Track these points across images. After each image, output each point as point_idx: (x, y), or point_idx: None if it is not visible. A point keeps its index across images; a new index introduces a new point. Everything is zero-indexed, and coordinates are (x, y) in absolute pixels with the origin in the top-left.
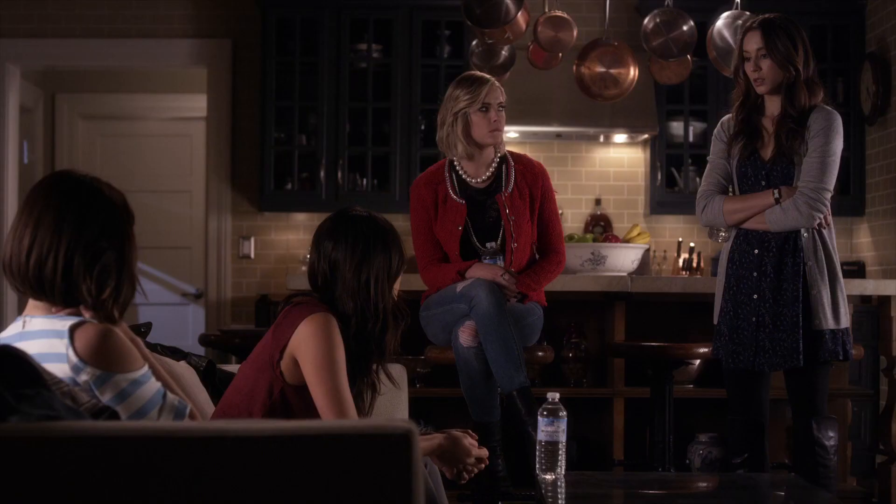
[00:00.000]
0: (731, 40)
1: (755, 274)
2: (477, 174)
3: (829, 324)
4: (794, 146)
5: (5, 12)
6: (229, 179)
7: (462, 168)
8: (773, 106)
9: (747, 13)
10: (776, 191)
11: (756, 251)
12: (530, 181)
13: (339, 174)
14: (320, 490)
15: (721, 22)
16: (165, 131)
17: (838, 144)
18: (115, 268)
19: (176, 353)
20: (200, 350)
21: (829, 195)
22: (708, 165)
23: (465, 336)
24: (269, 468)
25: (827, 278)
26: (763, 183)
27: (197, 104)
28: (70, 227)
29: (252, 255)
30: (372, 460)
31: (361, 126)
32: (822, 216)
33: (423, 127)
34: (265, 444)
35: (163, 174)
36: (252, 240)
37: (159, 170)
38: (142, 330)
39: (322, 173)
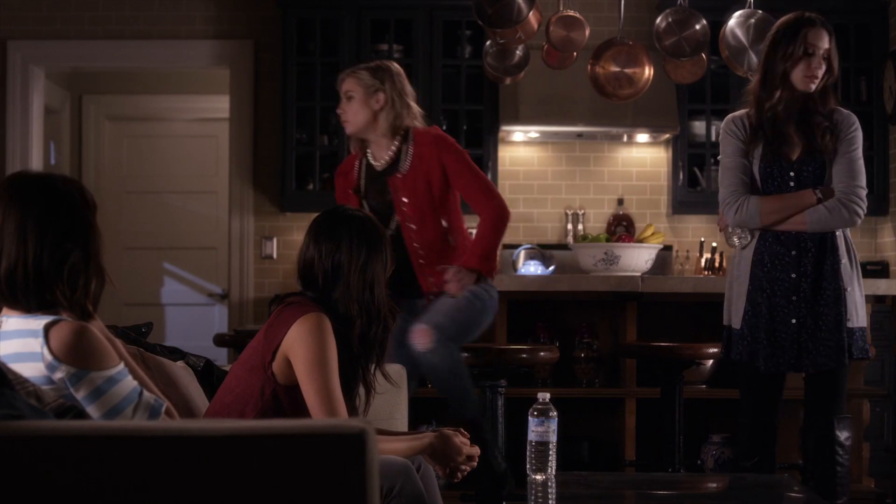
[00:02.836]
0: (743, 39)
1: (794, 275)
2: (379, 156)
3: (859, 321)
4: (830, 146)
5: (28, 14)
6: (251, 180)
7: (370, 151)
8: (796, 105)
9: (760, 12)
10: (817, 191)
11: (793, 252)
12: (427, 156)
13: None
14: (276, 489)
15: (734, 21)
16: (191, 132)
17: (861, 146)
18: (83, 265)
19: (174, 353)
20: (220, 351)
21: (865, 195)
22: (726, 164)
23: (416, 340)
24: (226, 467)
25: (854, 276)
26: (792, 184)
27: (222, 105)
28: (33, 234)
29: (274, 256)
30: (327, 460)
31: None
32: (861, 218)
33: (444, 127)
34: (221, 443)
35: (188, 175)
36: (274, 240)
37: (185, 171)
38: (143, 330)
39: None
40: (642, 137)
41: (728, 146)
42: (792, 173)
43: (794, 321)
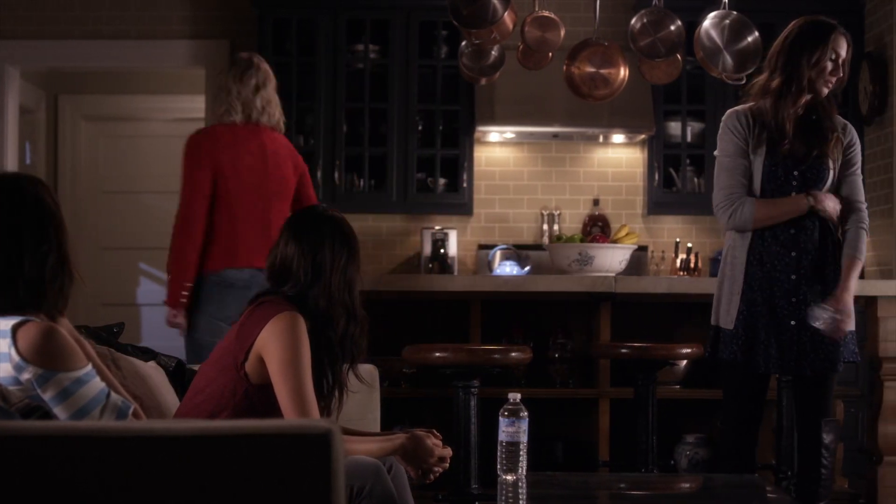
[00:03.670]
0: (718, 40)
1: (793, 277)
2: None
3: (850, 325)
4: (837, 152)
5: (5, 14)
6: None
7: None
8: (801, 107)
9: (734, 13)
10: (809, 196)
11: (793, 254)
12: None
13: (336, 175)
14: (241, 489)
15: (708, 22)
16: (168, 132)
17: None
18: (60, 266)
19: (146, 354)
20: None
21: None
22: (724, 164)
23: None
24: (191, 468)
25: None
26: (794, 184)
27: (198, 105)
28: (11, 238)
29: None
30: (292, 460)
31: (358, 127)
32: None
33: (420, 127)
34: (186, 443)
35: (165, 175)
36: None
37: (162, 171)
38: (115, 330)
39: (319, 174)
40: (618, 138)
41: (729, 144)
42: (796, 172)
43: (793, 323)
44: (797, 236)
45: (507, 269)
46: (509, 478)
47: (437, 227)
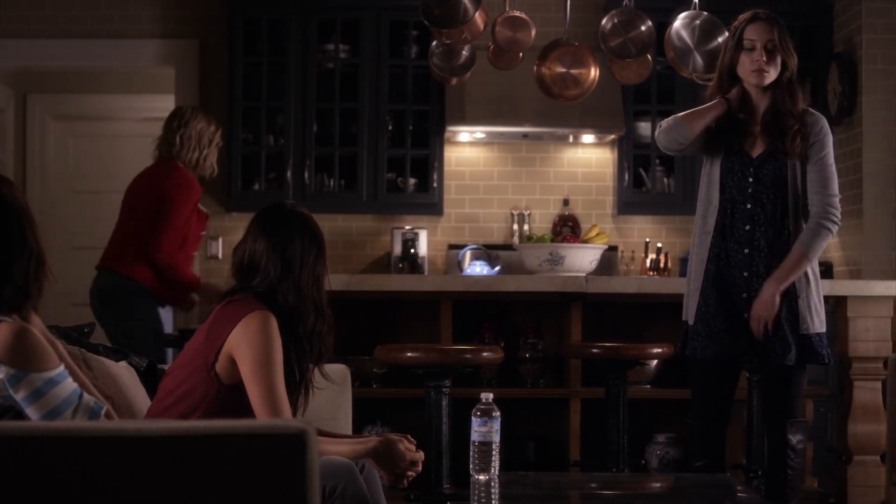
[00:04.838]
0: (688, 40)
1: (745, 274)
2: None
3: (816, 328)
4: (798, 150)
5: None
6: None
7: None
8: (760, 102)
9: (705, 13)
10: (729, 98)
11: (746, 250)
12: None
13: (307, 174)
14: (215, 489)
15: (679, 22)
16: (138, 132)
17: (832, 149)
18: (39, 265)
19: (117, 354)
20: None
21: (838, 202)
22: None
23: None
24: (164, 468)
25: (811, 282)
26: (750, 180)
27: (167, 105)
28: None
29: (220, 256)
30: (267, 460)
31: (329, 126)
32: (838, 226)
33: (390, 127)
34: (160, 443)
35: (134, 174)
36: (220, 240)
37: (132, 170)
38: (85, 330)
39: (289, 174)
40: (588, 138)
41: None
42: (752, 169)
43: (746, 315)
44: (752, 234)
45: (477, 269)
46: (482, 478)
47: (407, 227)
